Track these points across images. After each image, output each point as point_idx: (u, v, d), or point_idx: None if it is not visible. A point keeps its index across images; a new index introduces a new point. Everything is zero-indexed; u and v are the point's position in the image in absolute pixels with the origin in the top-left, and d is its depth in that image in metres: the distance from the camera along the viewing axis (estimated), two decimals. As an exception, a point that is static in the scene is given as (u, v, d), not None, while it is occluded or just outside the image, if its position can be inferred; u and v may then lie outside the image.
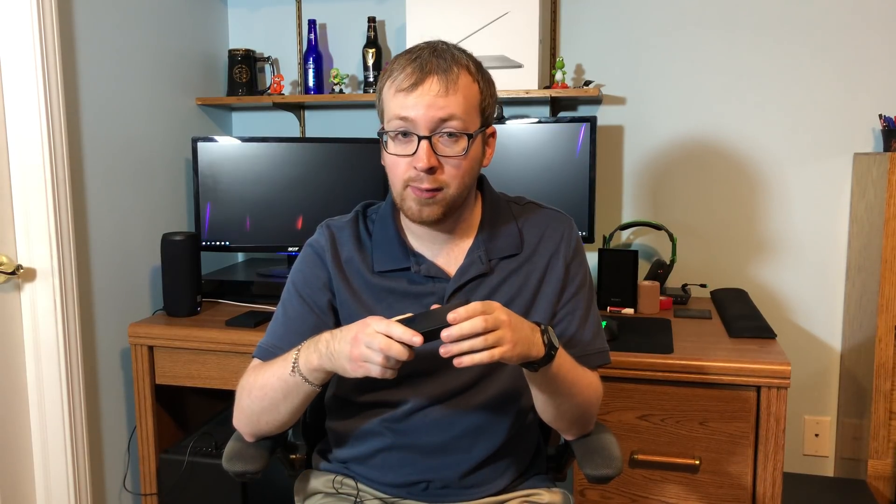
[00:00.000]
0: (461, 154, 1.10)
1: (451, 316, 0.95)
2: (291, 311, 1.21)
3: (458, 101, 1.09)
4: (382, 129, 1.14)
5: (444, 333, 0.95)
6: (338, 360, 1.03)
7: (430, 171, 1.09)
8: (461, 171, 1.11)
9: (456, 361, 0.96)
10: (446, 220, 1.15)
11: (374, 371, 0.98)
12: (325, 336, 1.06)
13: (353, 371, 1.01)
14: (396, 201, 1.16)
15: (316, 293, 1.20)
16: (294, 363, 1.09)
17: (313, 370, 1.07)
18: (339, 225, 1.25)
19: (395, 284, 1.19)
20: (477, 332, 0.95)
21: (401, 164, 1.11)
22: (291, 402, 1.12)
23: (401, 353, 0.96)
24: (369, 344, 0.97)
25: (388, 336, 0.96)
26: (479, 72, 1.14)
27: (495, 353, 0.96)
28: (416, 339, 0.95)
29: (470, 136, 1.11)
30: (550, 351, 1.04)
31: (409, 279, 1.19)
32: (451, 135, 1.09)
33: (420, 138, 1.08)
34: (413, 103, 1.08)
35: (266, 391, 1.13)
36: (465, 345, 0.95)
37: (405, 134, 1.10)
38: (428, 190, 1.10)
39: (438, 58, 1.09)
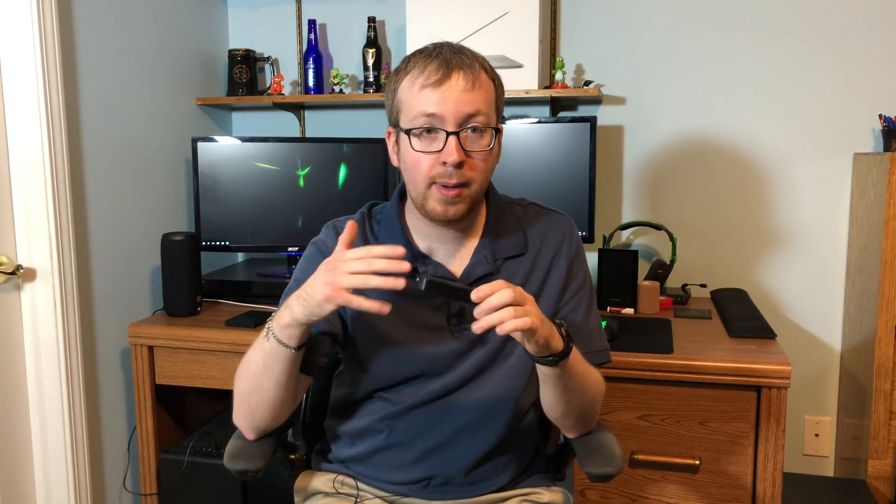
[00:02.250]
0: (487, 148, 1.12)
1: (474, 295, 0.96)
2: None
3: (482, 95, 1.11)
4: (400, 127, 1.14)
5: (478, 309, 0.96)
6: (313, 302, 1.01)
7: (459, 165, 1.10)
8: (487, 165, 1.14)
9: (499, 329, 0.96)
10: (467, 218, 1.17)
11: (364, 303, 0.96)
12: (296, 292, 1.05)
13: (329, 302, 0.99)
14: (416, 202, 1.15)
15: None
16: (268, 329, 1.08)
17: (286, 327, 1.05)
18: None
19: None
20: (506, 302, 0.96)
21: (426, 161, 1.11)
22: (272, 372, 1.09)
23: (383, 265, 0.95)
24: (351, 269, 0.97)
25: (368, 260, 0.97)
26: (492, 71, 1.16)
27: (527, 321, 0.96)
28: (400, 249, 0.96)
29: (496, 130, 1.13)
30: (569, 343, 1.06)
31: None
32: (475, 129, 1.11)
33: (448, 134, 1.09)
34: (440, 98, 1.08)
35: (250, 367, 1.12)
36: (495, 316, 0.96)
37: (429, 130, 1.10)
38: (455, 186, 1.10)
39: (460, 54, 1.11)
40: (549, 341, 1.02)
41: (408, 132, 1.12)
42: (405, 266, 0.96)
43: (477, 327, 0.97)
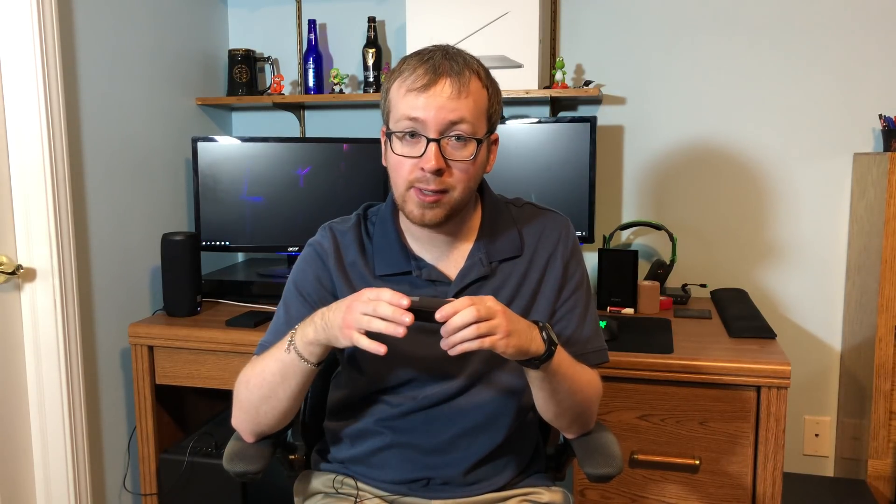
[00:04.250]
0: (469, 159, 1.11)
1: (438, 315, 0.97)
2: (294, 310, 1.21)
3: (468, 104, 1.09)
4: (388, 129, 1.14)
5: (442, 329, 0.98)
6: (331, 330, 1.04)
7: (438, 172, 1.09)
8: (468, 175, 1.12)
9: (450, 351, 0.99)
10: (447, 224, 1.16)
11: (363, 342, 0.98)
12: (321, 310, 1.08)
13: (343, 338, 1.01)
14: (398, 202, 1.15)
15: (319, 293, 1.20)
16: (290, 341, 1.10)
17: (308, 344, 1.07)
18: (342, 229, 1.25)
19: (397, 288, 1.18)
20: (468, 322, 0.97)
21: (406, 165, 1.11)
22: (289, 384, 1.11)
23: (388, 312, 0.97)
24: (363, 310, 0.99)
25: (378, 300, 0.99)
26: (487, 78, 1.14)
27: (486, 342, 0.98)
28: (405, 301, 0.97)
29: (479, 142, 1.11)
30: (550, 347, 1.05)
31: (411, 283, 1.19)
32: (459, 138, 1.09)
33: (429, 140, 1.08)
34: (424, 104, 1.07)
35: (265, 376, 1.13)
36: (457, 336, 0.97)
37: (413, 135, 1.09)
38: (433, 192, 1.10)
39: (451, 60, 1.10)
40: (526, 348, 1.03)
41: (391, 134, 1.12)
42: (407, 319, 0.97)
43: (443, 345, 0.99)
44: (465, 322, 0.97)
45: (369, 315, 0.98)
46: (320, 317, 1.06)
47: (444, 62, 1.09)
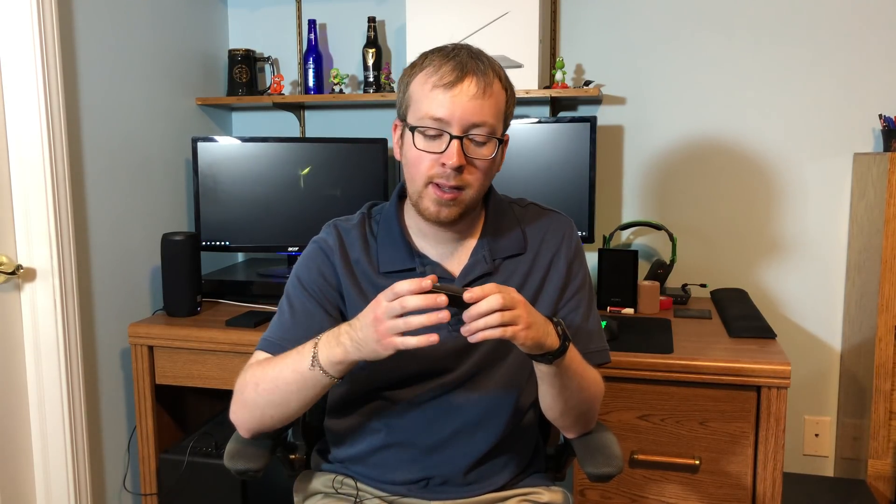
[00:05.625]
0: (489, 157, 1.12)
1: (466, 295, 0.96)
2: (298, 305, 1.20)
3: (491, 104, 1.10)
4: (406, 123, 1.14)
5: (466, 314, 0.97)
6: (367, 347, 1.01)
7: (459, 169, 1.10)
8: (485, 174, 1.14)
9: (470, 338, 0.97)
10: (460, 222, 1.17)
11: (410, 341, 0.96)
12: (344, 328, 1.05)
13: (385, 350, 0.99)
14: (412, 199, 1.16)
15: (324, 289, 1.20)
16: (314, 358, 1.07)
17: (337, 363, 1.05)
18: (347, 227, 1.25)
19: None
20: (494, 308, 0.96)
21: (426, 161, 1.11)
22: (304, 395, 1.10)
23: (418, 302, 0.95)
24: (391, 313, 0.96)
25: (401, 297, 0.96)
26: (506, 80, 1.16)
27: (507, 331, 0.97)
28: (426, 282, 0.95)
29: (500, 141, 1.13)
30: (564, 342, 1.06)
31: None
32: (480, 137, 1.11)
33: (452, 137, 1.09)
34: (450, 101, 1.08)
35: (278, 384, 1.11)
36: (481, 322, 0.96)
37: (435, 131, 1.10)
38: (451, 189, 1.11)
39: (476, 60, 1.11)
40: (542, 341, 1.02)
41: (413, 129, 1.12)
42: (441, 300, 0.95)
43: (464, 331, 0.98)
44: (492, 308, 0.96)
45: (401, 316, 0.96)
46: (348, 338, 1.03)
47: (469, 61, 1.10)
